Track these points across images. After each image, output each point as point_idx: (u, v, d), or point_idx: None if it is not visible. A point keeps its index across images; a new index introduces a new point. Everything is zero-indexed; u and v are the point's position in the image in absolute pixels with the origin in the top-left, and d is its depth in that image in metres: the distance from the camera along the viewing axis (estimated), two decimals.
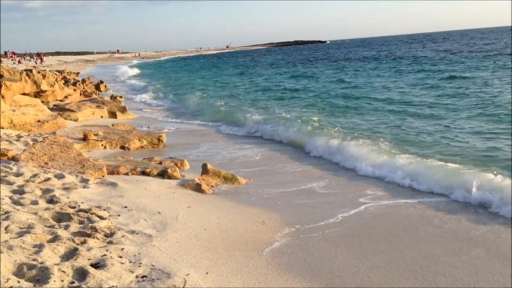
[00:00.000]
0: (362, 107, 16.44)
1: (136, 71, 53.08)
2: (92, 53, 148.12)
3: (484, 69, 27.38)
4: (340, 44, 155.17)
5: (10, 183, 6.32)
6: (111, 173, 7.77)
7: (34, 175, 6.80)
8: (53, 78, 20.45)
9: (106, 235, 4.76)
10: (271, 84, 28.06)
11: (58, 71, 32.98)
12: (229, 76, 39.68)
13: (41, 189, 6.20)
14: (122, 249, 4.41)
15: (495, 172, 7.17)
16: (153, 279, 3.87)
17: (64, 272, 3.70)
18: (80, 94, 20.83)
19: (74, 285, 3.54)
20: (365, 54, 61.95)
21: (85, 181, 6.89)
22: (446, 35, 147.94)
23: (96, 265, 3.95)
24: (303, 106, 17.65)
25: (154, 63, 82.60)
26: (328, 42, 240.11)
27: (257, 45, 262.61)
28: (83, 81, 28.86)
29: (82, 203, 5.75)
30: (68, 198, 5.96)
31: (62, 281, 3.56)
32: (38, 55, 67.32)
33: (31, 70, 16.44)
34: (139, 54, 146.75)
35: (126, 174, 7.86)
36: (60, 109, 15.65)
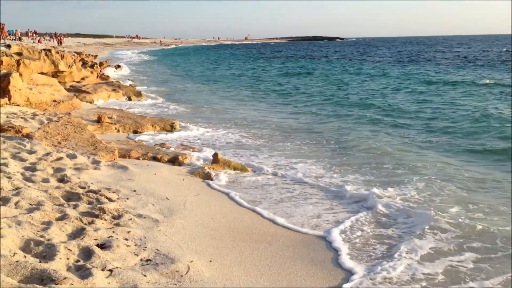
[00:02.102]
0: None
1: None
2: (111, 37, 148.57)
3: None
4: (340, 44, 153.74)
5: (23, 160, 6.40)
6: (122, 156, 7.83)
7: (47, 154, 6.88)
8: (71, 59, 20.62)
9: (113, 217, 4.80)
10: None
11: (77, 53, 33.27)
12: None
13: (52, 167, 6.27)
14: (129, 232, 4.45)
15: None
16: (157, 263, 3.90)
17: (70, 250, 3.75)
18: (97, 76, 21.00)
19: (79, 263, 3.58)
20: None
21: (96, 162, 6.95)
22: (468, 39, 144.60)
23: (102, 246, 3.99)
24: None
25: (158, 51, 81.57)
26: (344, 39, 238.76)
27: (276, 38, 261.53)
28: (101, 64, 29.05)
29: (92, 184, 5.81)
30: (79, 178, 6.02)
31: (68, 259, 3.60)
32: (57, 36, 67.48)
33: (50, 50, 16.60)
34: (160, 41, 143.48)
35: (137, 158, 7.92)
36: (76, 90, 15.80)
